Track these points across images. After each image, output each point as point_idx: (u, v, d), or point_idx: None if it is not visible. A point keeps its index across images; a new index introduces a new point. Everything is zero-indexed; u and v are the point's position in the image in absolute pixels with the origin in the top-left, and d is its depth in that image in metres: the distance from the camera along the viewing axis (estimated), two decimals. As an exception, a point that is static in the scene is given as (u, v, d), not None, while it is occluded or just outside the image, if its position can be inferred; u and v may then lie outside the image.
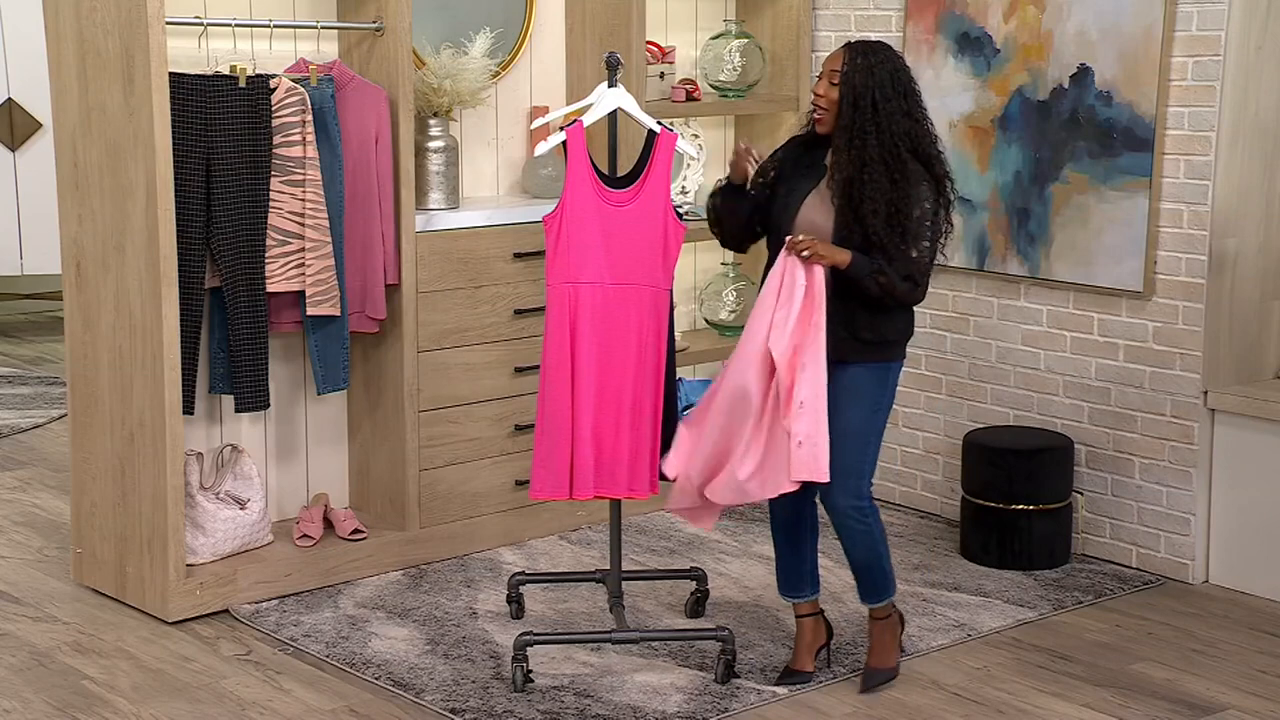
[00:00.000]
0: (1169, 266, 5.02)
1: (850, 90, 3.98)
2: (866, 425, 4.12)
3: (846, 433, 4.06)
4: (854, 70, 3.99)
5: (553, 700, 4.17)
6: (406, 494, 5.12)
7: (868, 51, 4.02)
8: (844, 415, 4.06)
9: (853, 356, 4.08)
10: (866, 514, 4.14)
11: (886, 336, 4.11)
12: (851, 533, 4.14)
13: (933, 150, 4.06)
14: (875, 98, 3.97)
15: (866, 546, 4.17)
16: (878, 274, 3.97)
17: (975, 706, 4.20)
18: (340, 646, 4.52)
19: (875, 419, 4.14)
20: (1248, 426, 4.96)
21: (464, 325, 5.18)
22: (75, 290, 4.86)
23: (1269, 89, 4.98)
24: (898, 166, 3.97)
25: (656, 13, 5.78)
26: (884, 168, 3.96)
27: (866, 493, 4.15)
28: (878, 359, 4.11)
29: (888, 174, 3.96)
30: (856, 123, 3.97)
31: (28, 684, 4.31)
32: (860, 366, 4.09)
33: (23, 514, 5.76)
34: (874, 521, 4.17)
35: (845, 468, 4.07)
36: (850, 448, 4.08)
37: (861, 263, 3.98)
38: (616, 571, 4.53)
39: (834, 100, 4.03)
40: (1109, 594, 4.97)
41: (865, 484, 4.14)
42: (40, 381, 7.77)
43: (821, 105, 4.06)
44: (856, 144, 3.97)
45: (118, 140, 4.60)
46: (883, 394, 4.14)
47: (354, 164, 4.90)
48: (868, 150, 3.96)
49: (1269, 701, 4.25)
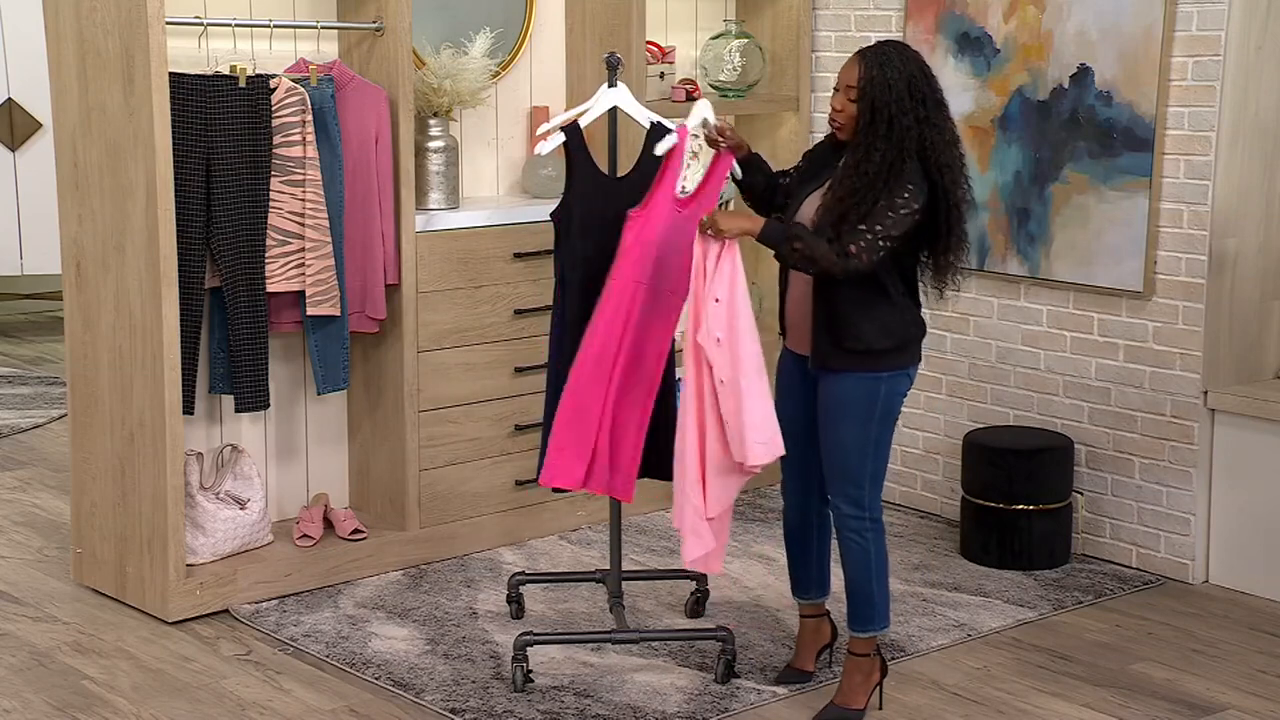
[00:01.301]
0: (1169, 266, 5.02)
1: (868, 108, 3.86)
2: (860, 437, 3.98)
3: (839, 445, 3.99)
4: (870, 84, 3.86)
5: (553, 700, 4.17)
6: (406, 494, 5.12)
7: (883, 62, 3.88)
8: (836, 428, 3.98)
9: (836, 364, 3.94)
10: (865, 529, 4.03)
11: (872, 346, 3.91)
12: (847, 543, 4.05)
13: (947, 156, 3.90)
14: (892, 112, 3.84)
15: (859, 564, 4.05)
16: (794, 239, 3.82)
17: (975, 706, 4.20)
18: (340, 646, 4.52)
19: (869, 430, 3.98)
20: (1248, 426, 4.96)
21: (464, 325, 5.18)
22: (75, 290, 4.86)
23: (1269, 89, 4.98)
24: (894, 173, 3.85)
25: (656, 13, 5.78)
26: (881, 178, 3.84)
27: (868, 504, 4.02)
28: (865, 369, 3.93)
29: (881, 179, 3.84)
30: (868, 139, 3.87)
31: (28, 684, 4.31)
32: (847, 376, 3.95)
33: (23, 514, 5.76)
34: (872, 540, 4.04)
35: (841, 477, 4.01)
36: (845, 460, 3.99)
37: (774, 229, 3.86)
38: (616, 571, 4.53)
39: (852, 115, 3.91)
40: (1109, 594, 4.98)
41: (866, 494, 4.01)
42: (40, 381, 7.77)
43: (839, 119, 3.95)
44: (863, 157, 3.87)
45: (118, 140, 4.60)
46: (874, 404, 3.96)
47: (354, 164, 4.90)
48: (870, 162, 3.85)
49: (1269, 701, 4.25)
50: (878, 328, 3.92)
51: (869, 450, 4.00)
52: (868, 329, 3.91)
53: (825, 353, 3.95)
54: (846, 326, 3.91)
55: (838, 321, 3.91)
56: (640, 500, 5.52)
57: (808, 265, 3.83)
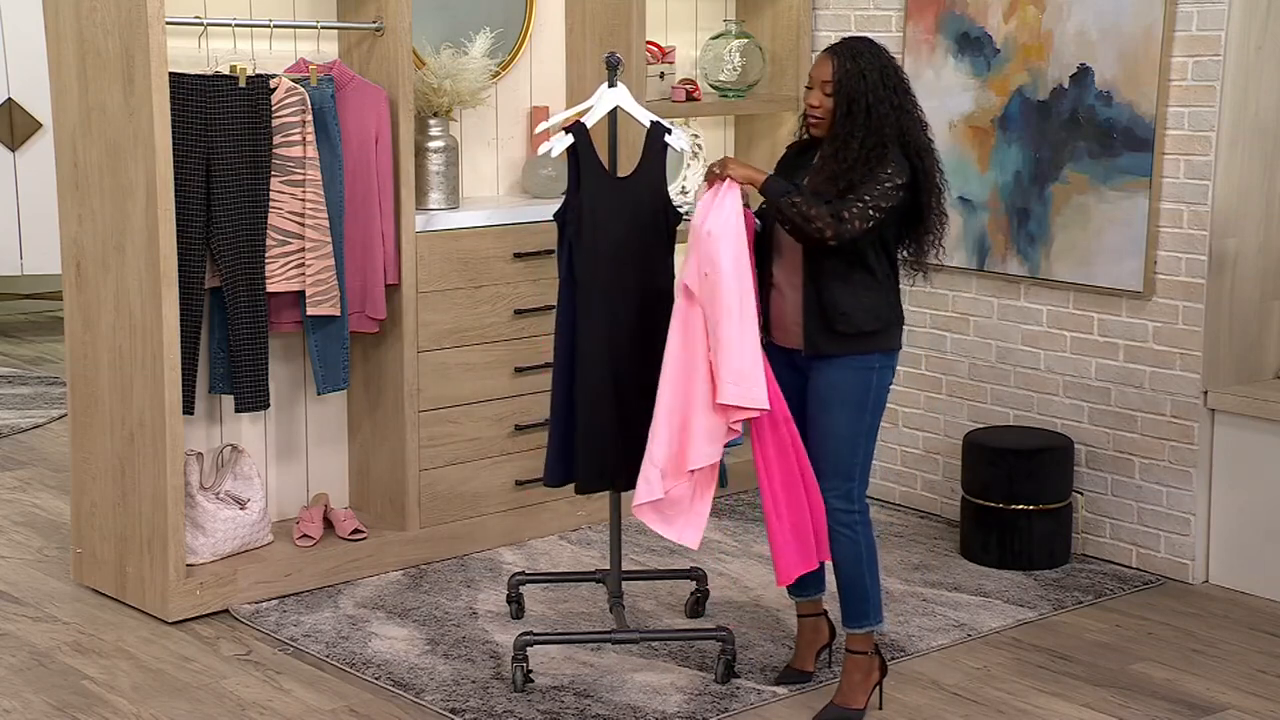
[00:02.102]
0: (1169, 266, 5.02)
1: (845, 99, 3.95)
2: (853, 427, 4.02)
3: (831, 434, 4.01)
4: (845, 77, 3.96)
5: (553, 700, 4.17)
6: (406, 494, 5.12)
7: (854, 55, 3.98)
8: (828, 416, 4.01)
9: (828, 349, 3.97)
10: (855, 522, 4.05)
11: (862, 327, 3.96)
12: (838, 538, 4.06)
13: (922, 139, 4.02)
14: (869, 101, 3.94)
15: (851, 559, 4.07)
16: (792, 194, 3.91)
17: (975, 706, 4.20)
18: (340, 646, 4.52)
19: (862, 419, 4.02)
20: (1248, 426, 4.96)
21: (464, 325, 5.18)
22: (75, 290, 4.86)
23: (1269, 89, 4.98)
24: (876, 157, 3.93)
25: (656, 13, 5.78)
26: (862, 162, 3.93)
27: (857, 497, 4.06)
28: (856, 351, 3.98)
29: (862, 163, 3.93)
30: (846, 128, 3.96)
31: (28, 684, 4.31)
32: (840, 364, 3.99)
33: (23, 514, 5.76)
34: (862, 533, 4.07)
35: (833, 469, 4.02)
36: (837, 449, 4.01)
37: (776, 183, 3.96)
38: (616, 571, 4.53)
39: (830, 110, 3.99)
40: (1109, 594, 4.98)
41: (856, 487, 4.05)
42: (40, 381, 7.77)
43: (817, 115, 4.02)
44: (841, 145, 3.96)
45: (118, 140, 4.60)
46: (866, 393, 4.01)
47: (354, 164, 4.90)
48: (850, 150, 3.94)
49: (1269, 701, 4.25)
50: (865, 310, 3.99)
51: (860, 441, 4.04)
52: (857, 312, 3.97)
53: (816, 339, 3.99)
54: (837, 310, 3.96)
55: (828, 306, 3.97)
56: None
57: (803, 224, 3.88)
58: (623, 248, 4.24)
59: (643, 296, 4.25)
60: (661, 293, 4.24)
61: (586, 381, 4.25)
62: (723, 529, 5.52)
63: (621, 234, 4.25)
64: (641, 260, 4.27)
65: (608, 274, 4.24)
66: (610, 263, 4.24)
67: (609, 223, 4.26)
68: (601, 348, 4.24)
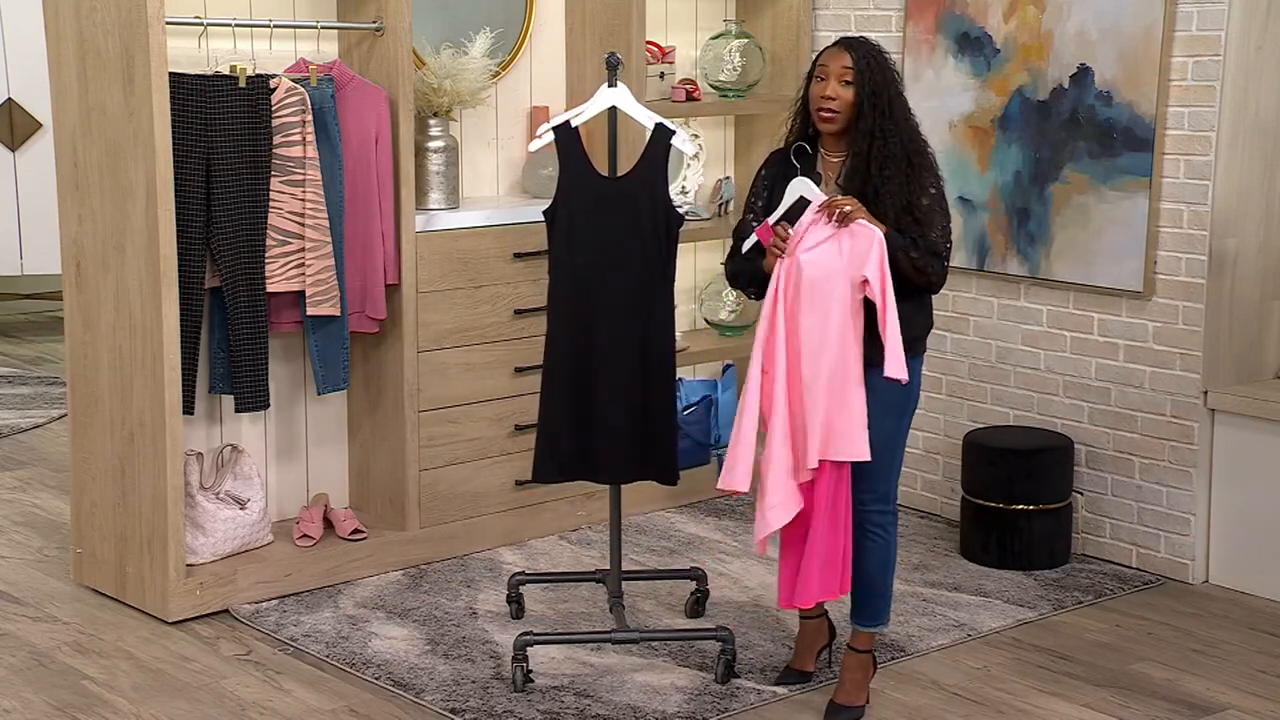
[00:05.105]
0: (1169, 266, 5.02)
1: (869, 88, 3.87)
2: (895, 430, 4.02)
3: (878, 439, 3.96)
4: (867, 67, 3.88)
5: (553, 700, 4.17)
6: (406, 494, 5.12)
7: (868, 45, 3.93)
8: (875, 423, 3.94)
9: (878, 358, 3.90)
10: (888, 523, 4.06)
11: (918, 334, 4.00)
12: (871, 539, 4.05)
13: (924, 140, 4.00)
14: (891, 93, 3.89)
15: (879, 560, 4.07)
16: (909, 249, 3.86)
17: (975, 706, 4.20)
18: (340, 646, 4.52)
19: (902, 423, 4.04)
20: (1248, 426, 4.96)
21: (464, 325, 5.18)
22: (75, 290, 4.86)
23: (1269, 89, 4.98)
24: (918, 159, 3.90)
25: (656, 13, 5.78)
26: (905, 164, 3.88)
27: (893, 498, 4.07)
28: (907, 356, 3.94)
29: (907, 169, 3.88)
30: (877, 122, 3.88)
31: (28, 684, 4.31)
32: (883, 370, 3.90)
33: (23, 514, 5.76)
34: (891, 535, 4.08)
35: (875, 469, 3.99)
36: (878, 453, 3.96)
37: (894, 236, 3.86)
38: (616, 571, 4.53)
39: (848, 101, 3.90)
40: (1109, 594, 4.98)
41: (893, 489, 4.07)
42: (40, 381, 7.77)
43: (834, 107, 3.90)
44: (879, 143, 3.88)
45: (118, 140, 4.60)
46: (909, 399, 4.02)
47: (354, 164, 4.90)
48: (889, 148, 3.87)
49: (1269, 701, 4.25)
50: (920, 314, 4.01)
51: (900, 442, 4.08)
52: (917, 316, 3.99)
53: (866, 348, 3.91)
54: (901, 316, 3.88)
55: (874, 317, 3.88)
56: (640, 500, 5.54)
57: (914, 275, 3.89)
58: (604, 245, 4.24)
59: (623, 294, 4.25)
60: (644, 291, 4.24)
61: (550, 370, 4.30)
62: (722, 529, 5.52)
63: (604, 232, 4.25)
64: (623, 258, 4.26)
65: (585, 270, 4.25)
66: (590, 260, 4.25)
67: (592, 221, 4.25)
68: (570, 339, 4.28)
